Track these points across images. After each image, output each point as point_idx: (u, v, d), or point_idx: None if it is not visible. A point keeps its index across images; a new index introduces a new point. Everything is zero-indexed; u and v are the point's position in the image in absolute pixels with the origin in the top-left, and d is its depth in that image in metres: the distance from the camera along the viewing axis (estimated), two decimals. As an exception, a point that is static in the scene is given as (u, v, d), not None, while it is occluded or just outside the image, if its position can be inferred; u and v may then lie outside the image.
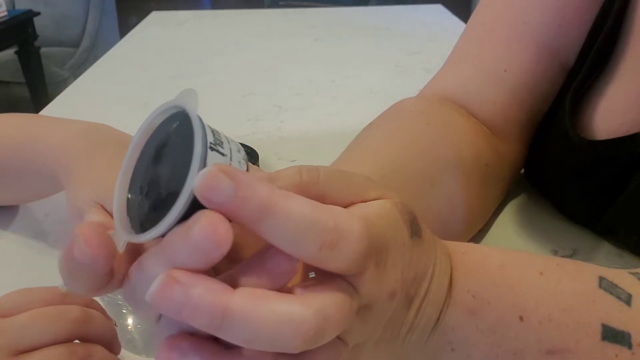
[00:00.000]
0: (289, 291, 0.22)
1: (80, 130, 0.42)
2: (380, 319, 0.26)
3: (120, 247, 0.23)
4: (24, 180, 0.48)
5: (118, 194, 0.25)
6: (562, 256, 0.49)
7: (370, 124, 0.48)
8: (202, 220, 0.20)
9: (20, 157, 0.45)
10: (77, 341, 0.33)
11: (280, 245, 0.21)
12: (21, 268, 0.50)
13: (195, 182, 0.20)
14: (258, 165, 0.62)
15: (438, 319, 0.29)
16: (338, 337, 0.23)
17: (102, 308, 0.35)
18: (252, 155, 0.64)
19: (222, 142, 0.23)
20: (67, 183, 0.40)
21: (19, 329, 0.31)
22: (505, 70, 0.50)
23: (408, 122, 0.47)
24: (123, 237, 0.23)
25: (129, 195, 0.25)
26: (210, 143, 0.22)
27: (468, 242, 0.48)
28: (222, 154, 0.23)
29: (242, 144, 0.64)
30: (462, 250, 0.31)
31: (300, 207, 0.21)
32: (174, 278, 0.20)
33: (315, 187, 0.25)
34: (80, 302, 0.34)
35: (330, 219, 0.22)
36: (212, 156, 0.22)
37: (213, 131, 0.23)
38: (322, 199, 0.25)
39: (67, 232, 0.53)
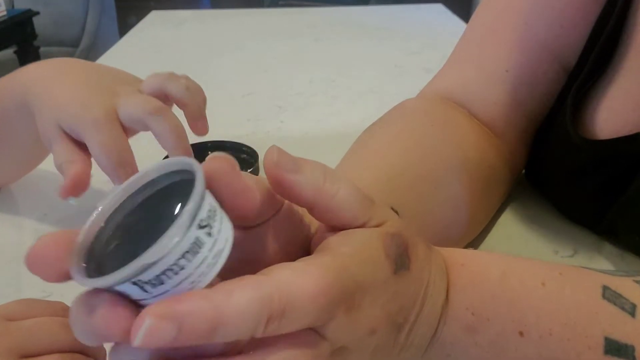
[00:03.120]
0: (240, 351, 0.22)
1: (50, 62, 0.48)
2: (363, 353, 0.25)
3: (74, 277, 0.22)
4: (6, 129, 0.51)
5: (90, 224, 0.23)
6: (563, 257, 0.49)
7: (373, 124, 0.48)
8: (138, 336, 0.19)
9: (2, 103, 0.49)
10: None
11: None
12: (20, 268, 0.49)
13: (133, 335, 0.19)
14: (258, 166, 0.62)
15: (434, 335, 0.28)
16: None
17: None
18: (252, 155, 0.64)
19: (213, 222, 0.22)
20: (36, 110, 0.45)
21: (25, 333, 0.32)
22: (506, 71, 0.50)
23: (411, 123, 0.47)
24: (74, 275, 0.22)
25: (102, 225, 0.23)
26: (201, 220, 0.21)
27: (469, 244, 0.48)
28: (209, 234, 0.21)
29: (242, 144, 0.64)
30: (461, 261, 0.30)
31: (244, 299, 0.20)
32: None
33: (329, 200, 0.25)
34: None
35: (275, 293, 0.21)
36: (195, 234, 0.21)
37: (210, 208, 0.22)
38: (326, 212, 0.25)
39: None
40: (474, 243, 0.50)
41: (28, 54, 2.40)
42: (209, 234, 0.21)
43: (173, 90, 0.46)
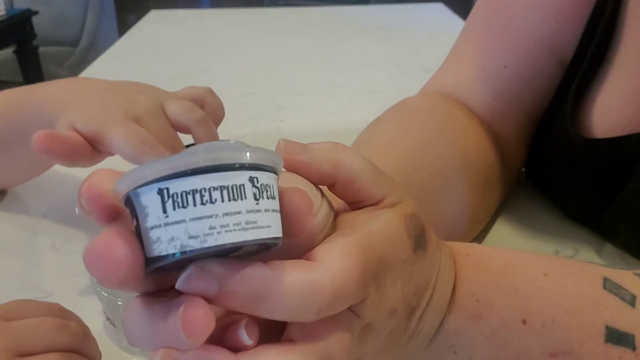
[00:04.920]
0: (289, 336, 0.22)
1: (62, 82, 0.49)
2: (379, 335, 0.26)
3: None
4: (14, 148, 0.51)
5: None
6: (564, 257, 0.49)
7: (377, 121, 0.48)
8: (181, 312, 0.19)
9: (14, 119, 0.49)
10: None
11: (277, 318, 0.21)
12: (19, 268, 0.49)
13: (178, 282, 0.19)
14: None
15: (441, 324, 0.28)
16: None
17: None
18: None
19: (266, 196, 0.20)
20: (57, 117, 0.45)
21: (23, 333, 0.32)
22: (504, 67, 0.50)
23: (418, 119, 0.48)
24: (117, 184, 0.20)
25: None
26: (257, 178, 0.20)
27: (471, 242, 0.48)
28: (256, 196, 0.20)
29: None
30: (466, 251, 0.30)
31: (294, 284, 0.20)
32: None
33: (347, 171, 0.25)
34: (77, 320, 0.36)
35: (327, 284, 0.21)
36: (244, 177, 0.19)
37: (271, 187, 0.21)
38: (349, 184, 0.25)
39: (65, 232, 0.53)
40: (475, 242, 0.50)
41: (27, 53, 2.40)
42: (256, 197, 0.19)
43: (211, 101, 0.51)
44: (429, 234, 0.27)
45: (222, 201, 0.18)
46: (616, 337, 0.28)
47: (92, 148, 0.43)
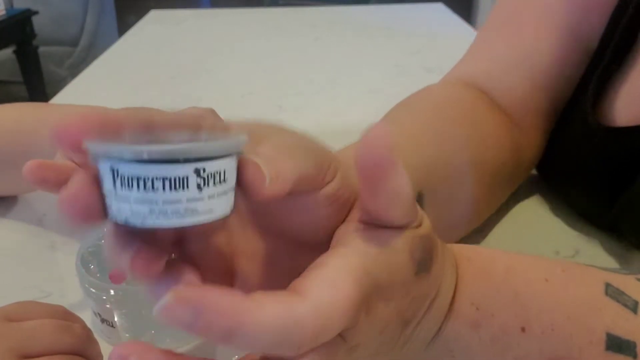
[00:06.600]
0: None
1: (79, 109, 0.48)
2: (369, 348, 0.25)
3: None
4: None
5: None
6: (564, 257, 0.49)
7: (400, 107, 0.48)
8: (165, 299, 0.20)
9: (22, 142, 0.48)
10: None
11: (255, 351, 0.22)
12: (19, 268, 0.49)
13: (155, 309, 0.20)
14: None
15: (439, 330, 0.28)
16: None
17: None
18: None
19: (212, 184, 0.21)
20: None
21: (26, 334, 0.32)
22: (529, 56, 0.50)
23: (441, 112, 0.48)
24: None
25: None
26: (204, 169, 0.21)
27: (471, 242, 0.48)
28: (200, 186, 0.21)
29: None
30: (467, 255, 0.30)
31: (272, 320, 0.20)
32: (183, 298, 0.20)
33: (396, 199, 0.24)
34: (80, 323, 0.36)
35: (309, 321, 0.21)
36: (189, 170, 0.21)
37: (221, 173, 0.22)
38: (380, 209, 0.24)
39: (65, 232, 0.53)
40: (475, 242, 0.50)
41: (27, 53, 2.40)
42: (200, 186, 0.21)
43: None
44: (436, 253, 0.26)
45: (164, 190, 0.20)
46: (617, 344, 0.28)
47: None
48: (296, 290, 0.22)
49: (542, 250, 0.50)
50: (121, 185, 0.21)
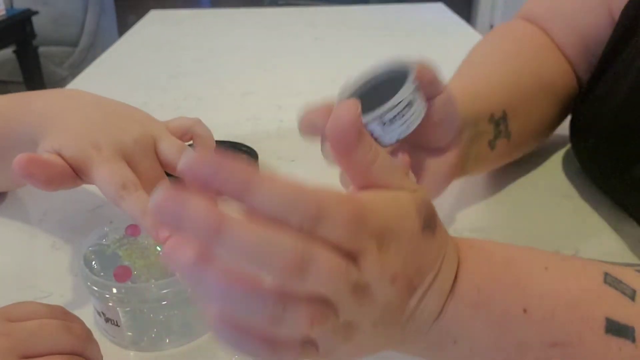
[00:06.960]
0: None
1: (57, 96, 0.48)
2: (377, 301, 0.26)
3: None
4: (9, 156, 0.49)
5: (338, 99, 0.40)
6: (565, 257, 0.49)
7: (484, 43, 0.61)
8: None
9: (5, 131, 0.47)
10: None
11: (267, 214, 0.23)
12: (19, 268, 0.49)
13: (181, 162, 0.22)
14: (257, 166, 0.62)
15: (441, 311, 0.29)
16: (329, 304, 0.24)
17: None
18: (251, 155, 0.63)
19: (419, 93, 0.37)
20: (43, 137, 0.44)
21: (27, 334, 0.32)
22: (584, 8, 0.57)
23: (521, 43, 0.59)
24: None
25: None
26: (416, 86, 0.36)
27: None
28: (415, 98, 0.36)
29: (241, 144, 0.64)
30: (469, 244, 0.31)
31: (279, 182, 0.22)
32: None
33: (371, 166, 0.27)
34: (80, 323, 0.36)
35: (311, 194, 0.23)
36: (413, 92, 0.36)
37: (418, 84, 0.37)
38: (366, 175, 0.27)
39: (65, 232, 0.53)
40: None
41: (27, 53, 2.40)
42: (415, 98, 0.35)
43: (200, 132, 0.50)
44: (439, 222, 0.29)
45: (408, 111, 0.36)
46: (616, 328, 0.28)
47: (75, 175, 0.42)
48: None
49: (542, 249, 0.50)
50: (389, 125, 0.35)
